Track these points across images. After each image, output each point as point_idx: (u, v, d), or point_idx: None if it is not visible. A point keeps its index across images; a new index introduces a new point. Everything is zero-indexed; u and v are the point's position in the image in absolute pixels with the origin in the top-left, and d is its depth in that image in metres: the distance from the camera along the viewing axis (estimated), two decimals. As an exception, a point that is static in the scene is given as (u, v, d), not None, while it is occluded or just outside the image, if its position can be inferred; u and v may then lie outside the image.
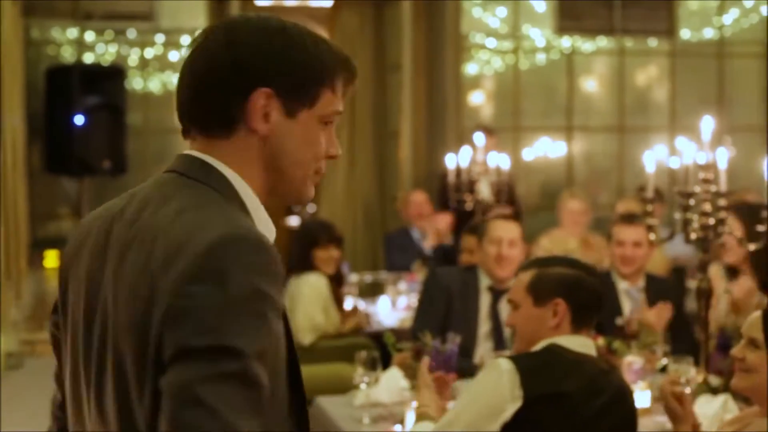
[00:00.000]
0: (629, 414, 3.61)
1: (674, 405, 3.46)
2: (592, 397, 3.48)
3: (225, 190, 1.93)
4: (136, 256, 1.83)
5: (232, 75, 1.95)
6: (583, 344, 3.60)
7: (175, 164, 1.98)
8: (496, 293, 5.65)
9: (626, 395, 3.62)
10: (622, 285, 5.88)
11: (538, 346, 3.58)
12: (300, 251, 6.59)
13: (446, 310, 5.70)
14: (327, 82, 2.02)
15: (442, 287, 5.75)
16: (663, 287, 5.97)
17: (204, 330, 1.66)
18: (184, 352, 1.66)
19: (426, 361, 4.22)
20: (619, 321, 5.47)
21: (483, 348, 5.52)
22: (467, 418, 3.48)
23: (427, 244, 8.73)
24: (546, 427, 3.45)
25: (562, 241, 8.16)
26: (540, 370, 3.48)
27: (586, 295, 3.62)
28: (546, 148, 11.05)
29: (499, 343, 5.53)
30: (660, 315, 5.44)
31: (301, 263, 6.57)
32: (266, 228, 1.97)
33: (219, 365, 1.64)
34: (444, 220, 8.96)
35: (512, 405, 3.42)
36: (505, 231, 5.71)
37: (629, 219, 6.01)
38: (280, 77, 1.97)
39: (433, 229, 8.85)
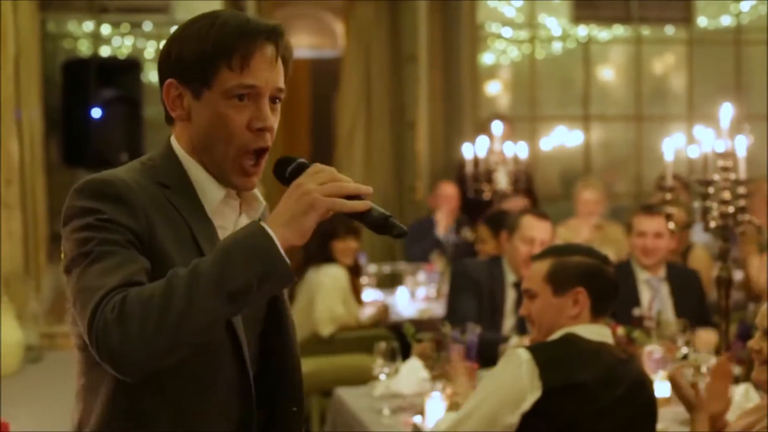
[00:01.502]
0: (648, 403, 3.61)
1: (689, 393, 3.45)
2: (610, 387, 3.47)
3: (160, 159, 2.31)
4: None
5: (159, 73, 2.32)
6: (600, 333, 3.59)
7: None
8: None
9: (645, 385, 3.61)
10: (642, 275, 5.85)
11: (555, 336, 3.58)
12: (319, 243, 6.59)
13: (477, 301, 5.68)
14: (219, 61, 2.23)
15: (473, 278, 5.72)
16: (685, 276, 5.94)
17: (64, 250, 2.19)
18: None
19: (458, 348, 4.22)
20: (636, 312, 5.44)
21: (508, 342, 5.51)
22: (487, 408, 3.48)
23: (441, 230, 8.68)
24: (565, 416, 3.45)
25: (577, 230, 8.16)
26: (558, 361, 3.48)
27: (605, 284, 3.62)
28: (563, 138, 11.03)
29: (523, 337, 5.52)
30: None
31: (320, 255, 6.57)
32: (210, 194, 2.30)
33: (73, 267, 2.14)
34: (450, 203, 8.90)
35: (531, 395, 3.42)
36: (539, 232, 5.61)
37: (650, 209, 5.95)
38: (179, 66, 2.26)
39: (443, 215, 8.77)
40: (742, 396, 4.17)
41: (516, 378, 3.44)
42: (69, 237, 2.17)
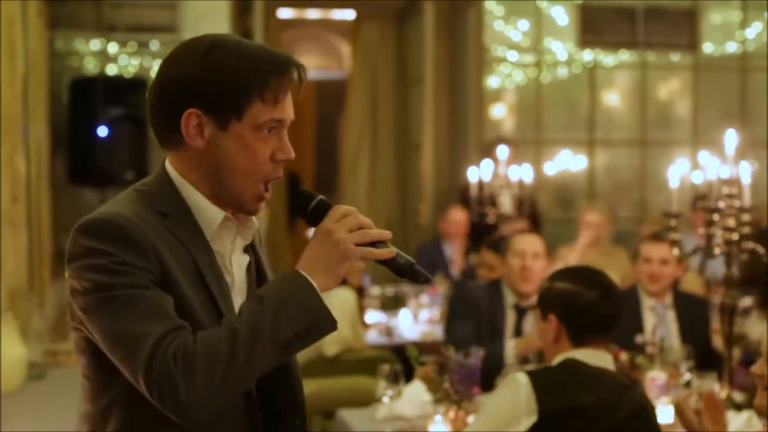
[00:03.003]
0: (651, 429, 3.61)
1: (692, 420, 3.44)
2: (611, 412, 3.48)
3: (155, 186, 2.28)
4: None
5: (166, 98, 2.25)
6: (601, 358, 3.60)
7: None
8: (521, 311, 5.67)
9: (647, 411, 3.62)
10: (647, 302, 5.85)
11: (556, 361, 3.60)
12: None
13: (476, 325, 5.71)
14: (254, 94, 2.22)
15: (471, 302, 5.75)
16: (691, 303, 5.94)
17: (74, 288, 2.18)
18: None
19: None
20: (638, 338, 5.44)
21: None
22: (484, 430, 3.50)
23: (455, 267, 8.71)
24: (566, 440, 3.46)
25: (577, 251, 8.18)
26: (555, 385, 3.50)
27: (578, 312, 3.60)
28: (567, 162, 11.03)
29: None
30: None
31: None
32: (209, 219, 2.28)
33: (96, 311, 2.16)
34: (461, 229, 9.00)
35: (527, 419, 3.44)
36: (528, 244, 5.77)
37: (657, 236, 5.96)
38: (206, 97, 2.21)
39: (458, 254, 8.83)
40: (745, 423, 4.17)
41: (513, 402, 3.46)
42: (80, 276, 2.16)
